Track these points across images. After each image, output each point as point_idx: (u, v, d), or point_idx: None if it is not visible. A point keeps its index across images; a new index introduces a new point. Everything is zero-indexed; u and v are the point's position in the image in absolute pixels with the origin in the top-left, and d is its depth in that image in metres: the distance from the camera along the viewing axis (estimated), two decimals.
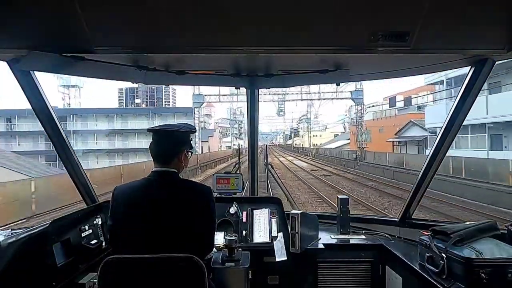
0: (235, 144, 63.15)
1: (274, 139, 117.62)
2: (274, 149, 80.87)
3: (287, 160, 39.64)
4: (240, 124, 61.46)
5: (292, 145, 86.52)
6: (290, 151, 70.77)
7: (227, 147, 61.04)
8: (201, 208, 1.56)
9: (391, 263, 2.24)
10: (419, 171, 2.37)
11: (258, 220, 2.48)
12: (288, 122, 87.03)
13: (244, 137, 56.19)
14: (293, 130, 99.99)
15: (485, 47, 1.70)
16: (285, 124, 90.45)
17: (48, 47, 1.60)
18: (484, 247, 1.64)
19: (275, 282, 2.35)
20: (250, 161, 2.91)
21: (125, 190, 1.57)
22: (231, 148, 55.57)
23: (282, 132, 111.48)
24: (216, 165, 31.61)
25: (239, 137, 62.98)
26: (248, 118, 2.83)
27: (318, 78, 2.19)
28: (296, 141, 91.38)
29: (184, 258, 1.34)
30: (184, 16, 1.49)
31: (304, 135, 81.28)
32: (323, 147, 56.79)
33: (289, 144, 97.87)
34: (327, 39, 1.63)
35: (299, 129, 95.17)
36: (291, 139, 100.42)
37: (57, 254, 1.76)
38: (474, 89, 1.95)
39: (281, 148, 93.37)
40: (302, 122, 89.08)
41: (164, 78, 2.19)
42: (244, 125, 58.77)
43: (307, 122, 57.73)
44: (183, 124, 1.68)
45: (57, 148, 2.21)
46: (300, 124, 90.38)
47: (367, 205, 11.61)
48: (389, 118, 34.77)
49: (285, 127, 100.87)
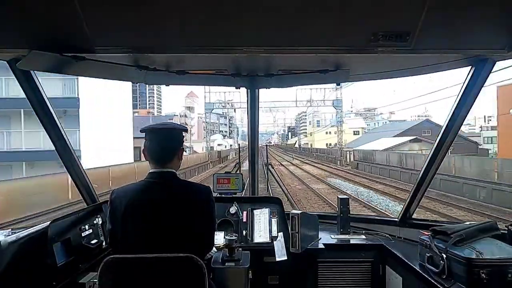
0: (228, 144, 54.63)
1: (270, 139, 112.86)
2: (272, 150, 65.54)
3: (309, 175, 21.80)
4: (230, 120, 51.69)
5: (295, 145, 71.47)
6: (296, 153, 53.11)
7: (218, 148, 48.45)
8: (201, 208, 1.56)
9: (391, 263, 2.24)
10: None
11: (258, 220, 2.48)
12: (280, 124, 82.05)
13: (235, 135, 49.82)
14: (290, 129, 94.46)
15: (485, 47, 1.70)
16: (277, 125, 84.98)
17: (48, 47, 1.60)
18: (484, 247, 1.64)
19: (275, 282, 2.35)
20: (250, 161, 2.91)
21: (123, 193, 1.55)
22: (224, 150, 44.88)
23: (276, 132, 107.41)
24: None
25: (229, 136, 52.41)
26: (248, 118, 2.83)
27: (318, 78, 2.19)
28: (303, 140, 75.51)
29: (184, 258, 1.34)
30: (184, 16, 1.49)
31: (313, 133, 69.68)
32: (355, 148, 34.05)
33: (290, 144, 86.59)
34: (327, 39, 1.63)
35: (297, 128, 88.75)
36: (291, 139, 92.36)
37: (57, 254, 1.76)
38: (474, 89, 1.95)
39: (279, 148, 79.66)
40: (302, 120, 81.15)
41: (165, 78, 2.19)
42: (235, 120, 52.39)
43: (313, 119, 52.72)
44: (169, 122, 1.68)
45: (57, 148, 2.21)
46: (300, 121, 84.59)
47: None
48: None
49: (278, 128, 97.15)
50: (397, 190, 15.76)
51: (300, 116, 76.15)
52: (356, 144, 39.86)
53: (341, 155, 32.29)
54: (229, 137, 51.43)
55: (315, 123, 78.61)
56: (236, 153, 37.62)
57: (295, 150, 64.91)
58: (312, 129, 75.03)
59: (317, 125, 76.44)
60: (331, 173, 23.61)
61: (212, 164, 31.95)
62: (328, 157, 36.90)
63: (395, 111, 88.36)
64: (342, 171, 24.89)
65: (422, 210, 10.96)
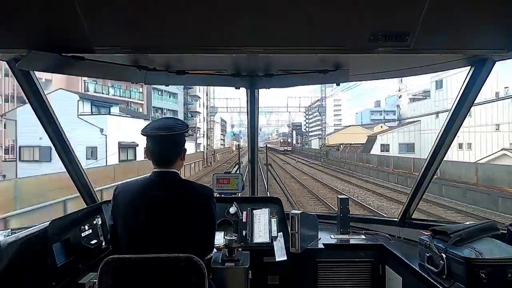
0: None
1: (268, 138, 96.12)
2: (279, 156, 44.19)
3: None
4: (212, 117, 35.60)
5: (323, 149, 37.34)
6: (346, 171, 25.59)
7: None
8: (202, 209, 1.56)
9: (391, 263, 2.24)
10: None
11: (258, 220, 2.48)
12: (274, 123, 71.45)
13: (212, 134, 40.72)
14: (295, 127, 66.37)
15: (485, 47, 1.70)
16: (271, 126, 76.18)
17: (48, 47, 1.60)
18: (484, 247, 1.64)
19: (275, 282, 2.35)
20: (250, 161, 2.91)
21: (126, 190, 1.56)
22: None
23: (276, 130, 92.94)
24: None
25: (202, 136, 37.65)
26: (248, 118, 2.83)
27: (318, 78, 2.19)
28: (330, 138, 45.03)
29: (184, 258, 1.33)
30: (184, 16, 1.49)
31: (332, 134, 48.19)
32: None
33: (301, 146, 60.22)
34: (327, 39, 1.63)
35: (308, 125, 68.22)
36: (302, 139, 64.94)
37: (57, 254, 1.75)
38: (474, 89, 1.95)
39: (281, 152, 52.09)
40: (313, 113, 54.89)
41: (164, 78, 2.19)
42: (214, 118, 36.20)
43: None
44: (171, 119, 1.64)
45: (57, 148, 2.21)
46: (311, 115, 62.31)
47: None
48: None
49: (274, 129, 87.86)
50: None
51: (314, 108, 45.12)
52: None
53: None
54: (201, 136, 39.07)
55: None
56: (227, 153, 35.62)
57: (320, 157, 36.29)
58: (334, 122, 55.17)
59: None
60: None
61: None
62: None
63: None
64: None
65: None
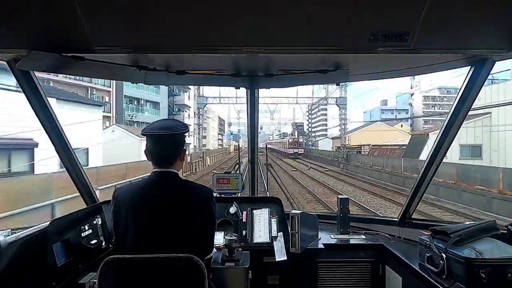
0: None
1: (269, 139, 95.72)
2: (285, 161, 37.32)
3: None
4: (201, 109, 30.58)
5: (343, 151, 29.93)
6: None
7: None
8: (202, 209, 1.56)
9: (391, 263, 2.24)
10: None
11: (258, 220, 2.48)
12: (275, 123, 69.28)
13: (205, 131, 35.28)
14: (297, 127, 60.65)
15: (485, 47, 1.70)
16: (273, 125, 72.80)
17: (48, 47, 1.60)
18: (484, 247, 1.64)
19: (275, 282, 2.35)
20: (250, 161, 2.91)
21: (126, 190, 1.56)
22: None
23: (277, 130, 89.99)
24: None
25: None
26: (248, 118, 2.83)
27: (318, 78, 2.19)
28: (352, 138, 39.18)
29: (184, 258, 1.33)
30: (184, 16, 1.49)
31: (349, 134, 38.03)
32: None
33: (316, 148, 50.96)
34: (327, 39, 1.63)
35: (310, 124, 65.28)
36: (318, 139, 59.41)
37: (57, 254, 1.75)
38: (474, 89, 1.95)
39: (291, 156, 42.67)
40: (319, 112, 51.28)
41: (164, 78, 2.19)
42: (206, 112, 34.54)
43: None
44: (171, 119, 1.67)
45: (57, 148, 2.21)
46: (313, 115, 59.79)
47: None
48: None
49: (275, 128, 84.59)
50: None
51: (316, 108, 43.66)
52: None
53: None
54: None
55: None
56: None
57: (337, 161, 30.49)
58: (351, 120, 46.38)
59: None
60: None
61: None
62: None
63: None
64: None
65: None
